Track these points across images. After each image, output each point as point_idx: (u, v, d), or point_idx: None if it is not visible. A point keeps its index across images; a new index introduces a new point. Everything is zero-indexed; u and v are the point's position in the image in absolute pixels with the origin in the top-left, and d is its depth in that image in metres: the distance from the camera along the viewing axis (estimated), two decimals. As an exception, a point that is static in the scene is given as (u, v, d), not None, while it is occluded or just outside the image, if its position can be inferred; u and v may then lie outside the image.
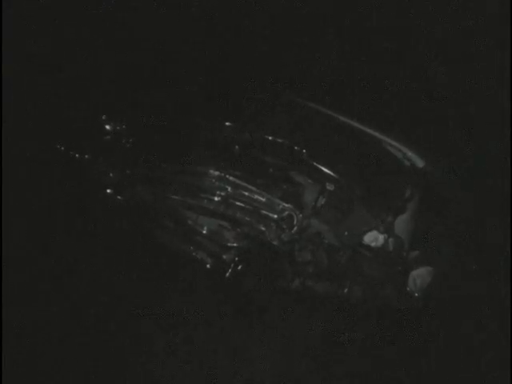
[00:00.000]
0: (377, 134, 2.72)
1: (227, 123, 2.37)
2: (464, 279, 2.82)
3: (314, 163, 2.54)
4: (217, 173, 2.22)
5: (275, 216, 2.24)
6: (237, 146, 2.25)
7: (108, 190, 2.24)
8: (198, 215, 2.27)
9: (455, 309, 2.70)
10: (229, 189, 2.23)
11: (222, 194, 2.22)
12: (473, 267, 2.88)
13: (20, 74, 2.15)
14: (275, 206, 2.23)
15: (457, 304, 2.72)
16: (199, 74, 2.45)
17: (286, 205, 2.23)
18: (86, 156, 2.21)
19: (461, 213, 2.85)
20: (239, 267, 2.33)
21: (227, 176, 2.23)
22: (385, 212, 2.65)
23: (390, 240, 2.69)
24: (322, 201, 2.59)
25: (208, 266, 2.29)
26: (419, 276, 2.75)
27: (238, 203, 2.24)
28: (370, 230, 2.67)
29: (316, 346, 2.54)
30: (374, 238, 2.68)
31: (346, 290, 2.62)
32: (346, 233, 2.62)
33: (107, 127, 2.23)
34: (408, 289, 2.76)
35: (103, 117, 2.21)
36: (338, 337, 2.64)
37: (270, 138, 2.41)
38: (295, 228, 2.26)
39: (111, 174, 2.25)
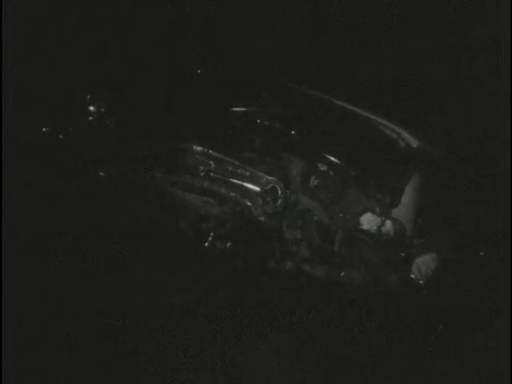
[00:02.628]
0: (370, 115, 2.70)
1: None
2: (470, 266, 2.72)
3: (306, 144, 2.54)
4: (199, 148, 2.21)
5: (258, 189, 2.22)
6: (221, 121, 2.24)
7: (90, 167, 2.26)
8: (184, 192, 2.25)
9: (460, 297, 2.60)
10: (212, 164, 2.22)
11: (206, 169, 2.21)
12: (480, 254, 2.78)
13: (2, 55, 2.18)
14: (259, 180, 2.21)
15: (462, 292, 2.62)
16: (193, 58, 2.46)
17: (270, 177, 2.21)
18: (70, 136, 2.24)
19: (465, 197, 2.76)
20: (228, 245, 2.31)
21: (210, 151, 2.23)
22: (380, 193, 2.60)
23: (391, 225, 2.62)
24: (314, 182, 2.58)
25: (190, 233, 2.27)
26: (423, 263, 2.68)
27: (221, 178, 2.22)
28: (365, 211, 2.62)
29: (314, 335, 2.44)
30: (370, 221, 2.63)
31: (342, 274, 2.54)
32: (341, 214, 2.57)
33: (91, 108, 2.26)
34: (412, 276, 2.68)
35: (87, 97, 2.24)
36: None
37: (259, 120, 2.40)
38: (279, 201, 2.23)
39: (95, 153, 2.27)
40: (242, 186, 2.22)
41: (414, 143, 2.69)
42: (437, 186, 2.66)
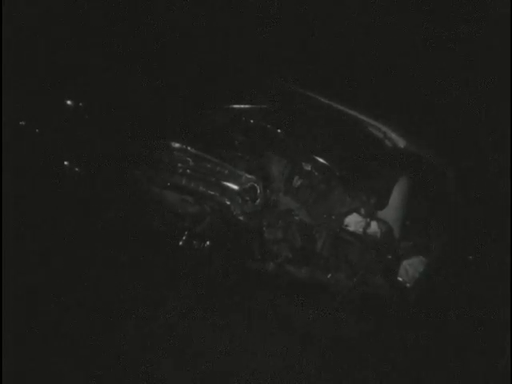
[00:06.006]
0: (356, 114, 2.65)
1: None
2: (460, 270, 2.67)
3: (291, 143, 2.46)
4: (177, 145, 2.16)
5: (237, 187, 2.17)
6: (201, 118, 2.19)
7: (65, 162, 2.22)
8: (162, 189, 2.20)
9: (449, 302, 2.59)
10: (190, 161, 2.17)
11: (184, 166, 2.16)
12: (469, 257, 2.73)
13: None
14: (238, 178, 2.16)
15: (451, 297, 2.59)
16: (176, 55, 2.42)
17: (249, 176, 2.15)
18: (47, 131, 2.19)
19: (454, 199, 2.66)
20: (206, 244, 2.26)
21: (188, 148, 2.18)
22: (365, 194, 2.55)
23: (377, 226, 2.57)
24: (298, 181, 2.53)
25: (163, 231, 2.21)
26: (411, 265, 2.62)
27: (200, 175, 2.16)
28: (350, 212, 2.57)
29: (294, 338, 2.38)
30: (356, 222, 2.58)
31: (329, 276, 2.49)
32: (325, 215, 2.53)
33: (69, 102, 2.22)
34: (399, 279, 2.62)
35: (65, 92, 2.19)
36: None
37: (244, 118, 2.35)
38: (258, 200, 2.18)
39: (71, 148, 2.23)
40: (221, 184, 2.17)
41: (401, 143, 2.64)
42: (427, 189, 2.60)
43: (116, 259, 2.33)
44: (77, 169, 2.20)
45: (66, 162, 2.19)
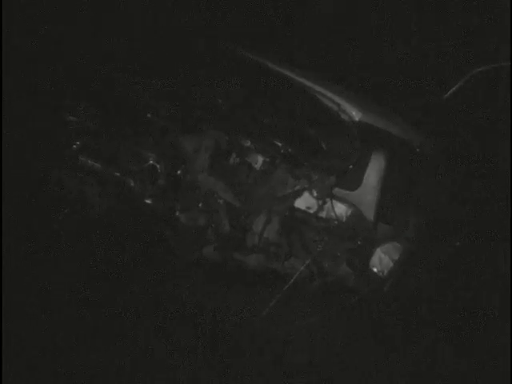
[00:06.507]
0: (308, 83, 2.34)
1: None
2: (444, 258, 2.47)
3: (228, 114, 2.20)
4: (73, 118, 1.90)
5: (135, 167, 1.89)
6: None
7: None
8: (61, 169, 1.96)
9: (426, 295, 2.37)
10: (87, 136, 1.92)
11: (78, 142, 1.90)
12: (456, 244, 2.49)
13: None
14: (135, 156, 1.89)
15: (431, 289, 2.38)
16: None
17: (148, 153, 1.87)
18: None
19: (433, 181, 2.40)
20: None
21: (86, 121, 1.91)
22: (317, 173, 2.26)
23: (344, 210, 2.29)
24: (236, 159, 2.26)
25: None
26: (386, 253, 2.35)
27: (97, 152, 1.91)
28: (299, 194, 2.26)
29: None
30: (309, 204, 2.28)
31: (284, 264, 2.23)
32: (267, 198, 2.28)
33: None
34: (374, 269, 2.34)
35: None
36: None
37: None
38: (160, 180, 1.90)
39: None
40: (120, 163, 1.90)
41: (357, 116, 2.33)
42: (403, 168, 2.32)
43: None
44: None
45: None
